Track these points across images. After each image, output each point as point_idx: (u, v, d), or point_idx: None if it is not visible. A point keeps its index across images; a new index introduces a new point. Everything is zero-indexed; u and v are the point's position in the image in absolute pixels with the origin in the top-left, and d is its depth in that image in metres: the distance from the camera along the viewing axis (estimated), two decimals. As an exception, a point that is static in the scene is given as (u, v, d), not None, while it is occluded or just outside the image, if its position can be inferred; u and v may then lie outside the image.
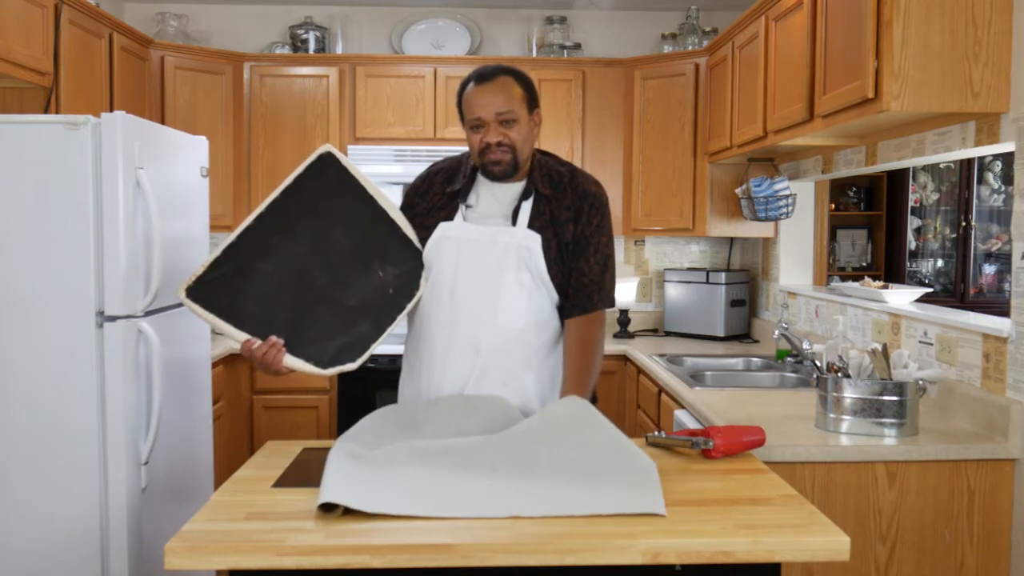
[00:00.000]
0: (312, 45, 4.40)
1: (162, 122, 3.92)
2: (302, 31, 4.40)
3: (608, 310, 2.24)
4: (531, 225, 2.07)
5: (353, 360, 1.99)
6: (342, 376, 3.92)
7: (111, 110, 3.39)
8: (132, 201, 2.58)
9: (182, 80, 4.01)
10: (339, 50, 4.44)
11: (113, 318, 2.55)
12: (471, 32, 4.51)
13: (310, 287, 1.99)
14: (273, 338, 1.92)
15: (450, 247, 2.07)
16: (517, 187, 2.11)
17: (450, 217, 2.10)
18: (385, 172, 4.13)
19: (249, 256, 1.96)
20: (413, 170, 4.18)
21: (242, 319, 1.94)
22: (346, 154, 4.17)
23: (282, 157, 4.21)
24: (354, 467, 1.65)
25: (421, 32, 4.52)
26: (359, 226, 2.03)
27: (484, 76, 2.05)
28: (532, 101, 2.09)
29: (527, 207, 2.08)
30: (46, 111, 3.03)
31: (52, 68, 3.02)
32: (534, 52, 4.50)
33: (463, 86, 2.09)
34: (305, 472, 1.79)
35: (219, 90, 4.12)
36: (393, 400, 2.28)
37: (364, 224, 2.04)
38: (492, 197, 2.11)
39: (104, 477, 2.55)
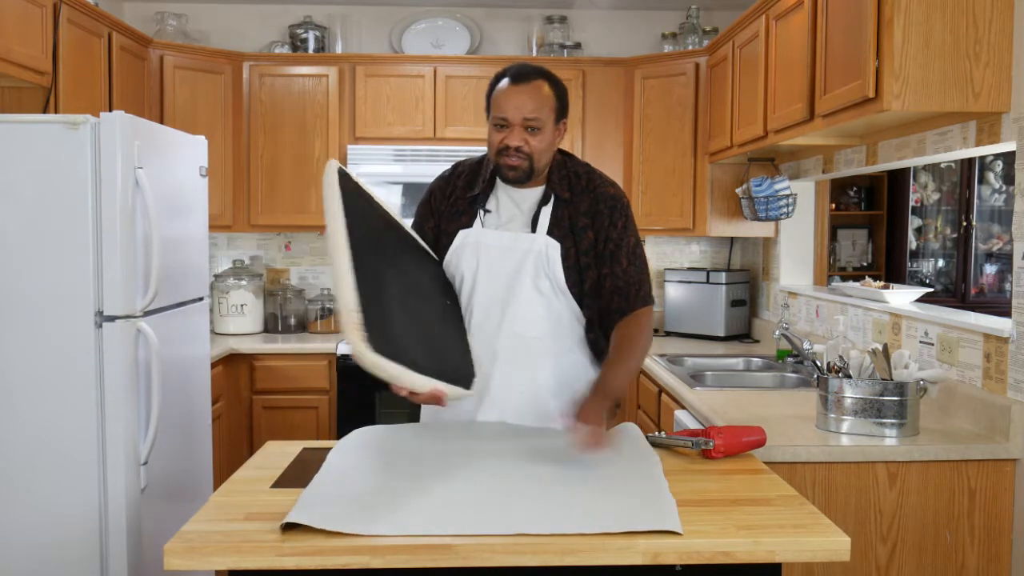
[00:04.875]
0: (312, 44, 4.40)
1: (161, 122, 3.92)
2: (301, 30, 4.40)
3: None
4: (551, 232, 2.04)
5: (468, 387, 1.83)
6: (342, 376, 3.93)
7: (110, 110, 3.38)
8: (131, 201, 2.57)
9: (181, 79, 4.01)
10: (339, 49, 4.44)
11: (112, 318, 2.54)
12: (471, 31, 4.51)
13: (420, 314, 1.83)
14: (439, 387, 1.69)
15: (470, 254, 2.05)
16: (536, 192, 2.08)
17: (470, 223, 2.08)
18: (385, 172, 4.13)
19: (376, 293, 1.69)
20: (413, 170, 4.22)
21: (413, 362, 1.65)
22: (346, 154, 4.17)
23: (282, 157, 4.21)
24: (336, 488, 1.61)
25: (421, 31, 4.51)
26: (410, 252, 1.94)
27: (520, 76, 1.99)
28: (562, 110, 2.04)
29: (547, 213, 2.05)
30: (45, 111, 3.02)
31: (51, 67, 3.02)
32: (534, 51, 4.49)
33: (496, 79, 2.03)
34: (305, 472, 1.79)
35: (218, 90, 4.11)
36: (392, 400, 2.27)
37: (411, 250, 1.96)
38: (511, 202, 2.09)
39: (103, 477, 2.54)
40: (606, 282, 2.06)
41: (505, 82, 2.00)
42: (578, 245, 2.05)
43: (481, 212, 2.08)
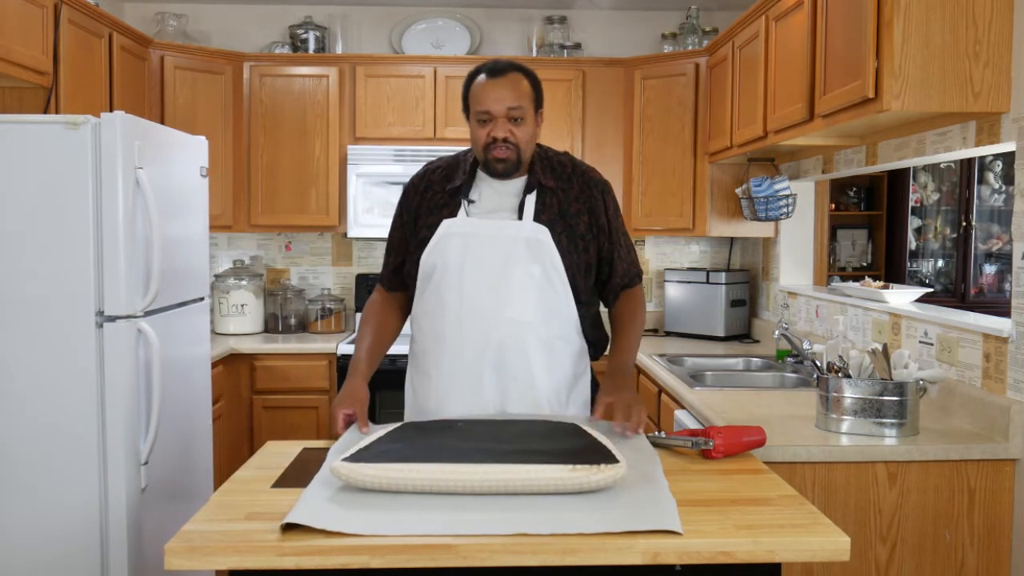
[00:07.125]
0: (312, 45, 4.40)
1: (162, 122, 3.92)
2: (302, 31, 4.40)
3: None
4: (537, 218, 2.07)
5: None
6: (342, 376, 3.92)
7: (111, 110, 3.38)
8: (132, 201, 2.57)
9: (182, 80, 4.01)
10: (339, 50, 4.44)
11: (113, 318, 2.55)
12: (471, 32, 4.51)
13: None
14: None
15: (456, 243, 2.07)
16: (519, 181, 2.12)
17: (453, 214, 2.10)
18: (385, 172, 4.13)
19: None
20: (413, 170, 4.14)
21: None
22: (346, 154, 4.17)
23: (282, 157, 4.21)
24: (336, 488, 1.60)
25: (421, 32, 4.52)
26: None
27: (496, 70, 2.06)
28: (539, 100, 2.11)
29: (531, 200, 2.09)
30: (46, 111, 3.03)
31: (52, 68, 3.02)
32: (534, 52, 4.49)
33: (471, 77, 2.09)
34: (305, 472, 1.79)
35: (219, 90, 4.12)
36: (391, 400, 2.28)
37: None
38: (494, 192, 2.12)
39: (104, 477, 2.55)
40: (605, 265, 2.16)
41: (482, 77, 2.06)
42: (572, 230, 2.09)
43: (465, 202, 2.11)
